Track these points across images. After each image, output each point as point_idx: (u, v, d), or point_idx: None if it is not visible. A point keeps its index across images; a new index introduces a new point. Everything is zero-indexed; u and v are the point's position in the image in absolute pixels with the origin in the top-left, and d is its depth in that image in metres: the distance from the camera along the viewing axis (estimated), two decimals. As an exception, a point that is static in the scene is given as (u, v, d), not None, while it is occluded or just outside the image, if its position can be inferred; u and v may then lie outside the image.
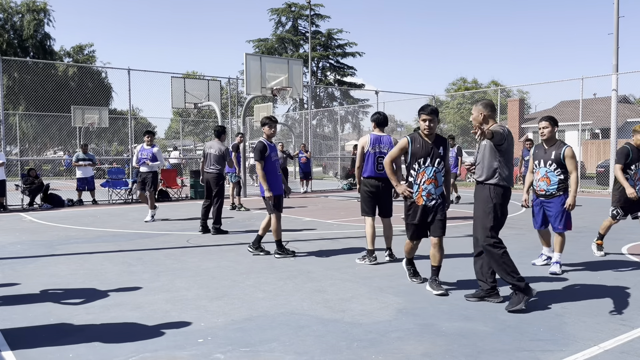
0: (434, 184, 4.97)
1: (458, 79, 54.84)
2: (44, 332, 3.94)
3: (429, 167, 4.92)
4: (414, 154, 4.91)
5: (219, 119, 15.80)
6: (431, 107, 4.90)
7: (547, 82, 22.86)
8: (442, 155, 4.98)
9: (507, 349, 3.55)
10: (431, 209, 5.02)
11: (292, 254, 6.78)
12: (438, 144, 4.98)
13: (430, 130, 4.89)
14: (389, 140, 6.40)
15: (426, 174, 4.93)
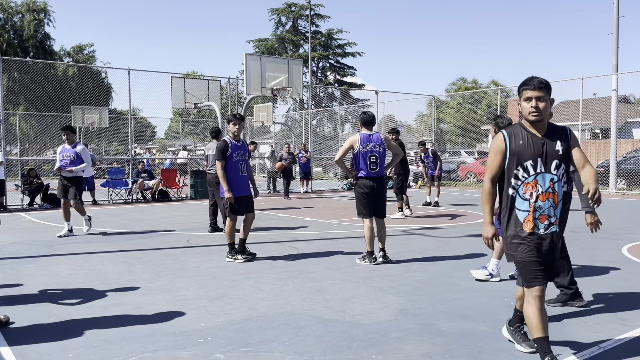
0: (552, 200, 3.17)
1: (458, 79, 54.80)
2: (43, 332, 3.94)
3: (543, 175, 3.17)
4: (516, 156, 3.21)
5: (219, 119, 15.79)
6: (539, 79, 3.27)
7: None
8: (562, 155, 3.23)
9: (507, 349, 3.55)
10: (548, 241, 3.17)
11: (247, 258, 6.53)
12: (554, 137, 3.26)
13: (539, 115, 3.18)
14: (379, 138, 6.41)
15: (539, 184, 3.18)
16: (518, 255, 3.19)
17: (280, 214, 11.69)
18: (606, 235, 8.33)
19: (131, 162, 16.71)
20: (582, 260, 6.42)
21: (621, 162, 18.11)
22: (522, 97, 3.28)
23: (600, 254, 6.83)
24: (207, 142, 18.06)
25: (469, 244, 7.60)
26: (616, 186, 17.23)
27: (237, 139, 6.68)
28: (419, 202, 13.97)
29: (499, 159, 3.27)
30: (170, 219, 10.82)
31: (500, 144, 3.27)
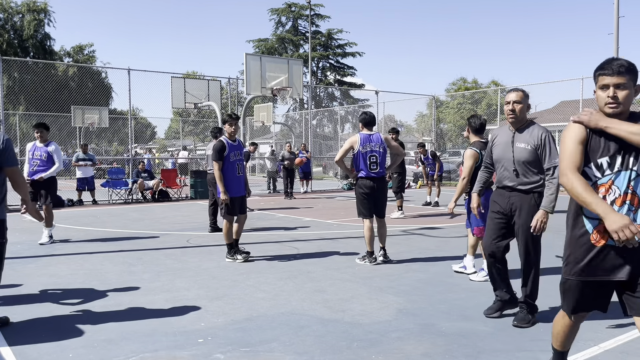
0: (631, 202, 2.53)
1: (458, 79, 54.76)
2: (43, 332, 3.94)
3: (621, 173, 2.53)
4: (591, 151, 2.59)
5: (219, 119, 15.79)
6: (620, 61, 2.53)
7: (547, 82, 22.88)
8: None
9: (507, 349, 3.55)
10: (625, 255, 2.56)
11: (244, 258, 6.54)
12: None
13: (617, 108, 2.52)
14: (379, 138, 6.41)
15: (615, 185, 2.56)
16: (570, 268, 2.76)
17: (280, 214, 11.69)
18: (606, 235, 8.33)
19: (131, 162, 16.72)
20: (582, 260, 6.41)
21: (621, 162, 18.08)
22: (597, 83, 2.58)
23: (600, 254, 6.83)
24: (207, 142, 18.05)
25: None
26: (616, 186, 17.21)
27: (233, 139, 6.67)
28: (419, 202, 13.96)
29: (581, 149, 2.58)
30: (170, 219, 10.82)
31: (581, 132, 2.60)
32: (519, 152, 3.95)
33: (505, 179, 4.07)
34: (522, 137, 3.97)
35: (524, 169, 3.97)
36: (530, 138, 3.93)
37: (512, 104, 3.94)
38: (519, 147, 3.96)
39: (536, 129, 3.95)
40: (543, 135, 3.88)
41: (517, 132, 4.00)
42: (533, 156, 3.91)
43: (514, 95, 3.96)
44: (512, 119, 3.96)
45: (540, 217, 3.77)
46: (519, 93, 3.96)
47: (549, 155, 3.86)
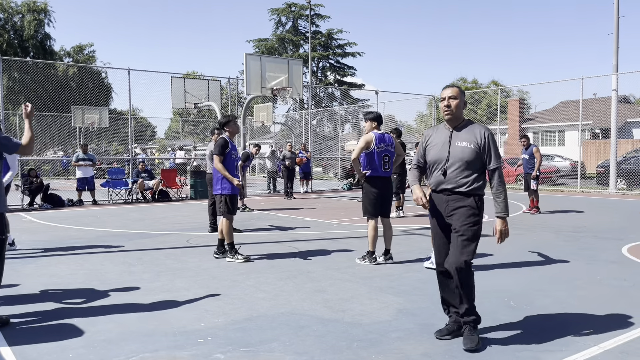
0: None
1: (458, 79, 54.83)
2: (43, 332, 3.94)
3: None
4: None
5: (219, 119, 15.80)
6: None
7: (547, 82, 22.88)
8: None
9: (507, 349, 3.55)
10: None
11: (245, 259, 6.53)
12: None
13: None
14: (390, 138, 6.43)
15: None
16: None
17: (280, 214, 11.69)
18: (606, 235, 8.33)
19: (131, 162, 16.71)
20: (582, 260, 6.43)
21: (621, 162, 18.11)
22: None
23: (600, 254, 6.84)
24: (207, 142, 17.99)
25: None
26: (616, 186, 17.24)
27: (233, 139, 6.79)
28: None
29: None
30: (170, 219, 10.82)
31: None
32: (459, 151, 3.62)
33: (443, 182, 3.69)
34: (462, 135, 3.66)
35: (464, 169, 3.62)
36: (471, 136, 3.64)
37: (447, 99, 3.67)
38: (459, 146, 3.64)
39: (477, 127, 3.68)
40: (486, 134, 3.63)
41: (455, 131, 3.70)
42: (474, 155, 3.61)
43: (449, 91, 3.69)
44: (448, 115, 3.67)
45: (501, 227, 3.58)
46: (454, 89, 3.70)
47: (494, 156, 3.63)
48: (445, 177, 3.65)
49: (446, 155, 3.66)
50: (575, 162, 23.57)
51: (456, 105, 3.67)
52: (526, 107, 42.96)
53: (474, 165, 3.62)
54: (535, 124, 35.02)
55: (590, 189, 17.76)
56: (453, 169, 3.63)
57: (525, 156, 11.59)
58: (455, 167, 3.63)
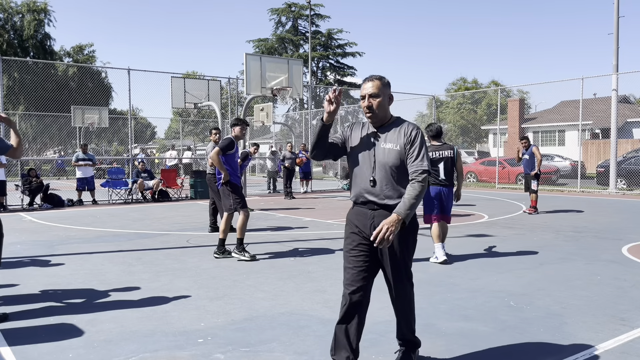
0: None
1: (458, 79, 54.84)
2: (43, 332, 3.94)
3: None
4: None
5: (218, 119, 15.78)
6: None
7: (547, 82, 22.87)
8: None
9: (508, 350, 3.55)
10: None
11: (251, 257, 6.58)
12: None
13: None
14: None
15: None
16: None
17: (280, 214, 11.69)
18: (606, 235, 8.33)
19: (131, 162, 16.71)
20: (582, 260, 6.43)
21: (621, 162, 18.11)
22: None
23: (600, 254, 6.84)
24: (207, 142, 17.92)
25: (469, 244, 7.60)
26: (616, 186, 17.24)
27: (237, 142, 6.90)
28: (419, 202, 13.95)
29: None
30: (170, 219, 10.82)
31: None
32: (384, 155, 2.96)
33: (366, 192, 3.02)
34: (388, 136, 3.00)
35: (391, 177, 2.96)
36: (397, 136, 2.98)
37: (367, 98, 2.97)
38: (384, 149, 2.97)
39: (405, 125, 3.03)
40: (413, 132, 2.96)
41: (380, 132, 3.03)
42: (400, 159, 2.96)
43: (370, 87, 2.98)
44: (370, 117, 2.99)
45: (388, 224, 2.76)
46: (375, 83, 2.99)
47: (418, 156, 2.92)
48: (372, 186, 2.99)
49: (372, 160, 2.99)
50: (575, 162, 23.58)
51: (379, 104, 2.98)
52: (526, 107, 42.96)
53: (402, 171, 2.96)
54: (535, 124, 35.04)
55: (591, 189, 17.76)
56: (379, 178, 2.98)
57: (526, 156, 11.60)
58: (381, 175, 2.97)
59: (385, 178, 2.97)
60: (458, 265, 6.22)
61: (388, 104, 3.03)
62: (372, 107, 2.98)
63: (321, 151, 3.05)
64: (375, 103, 2.97)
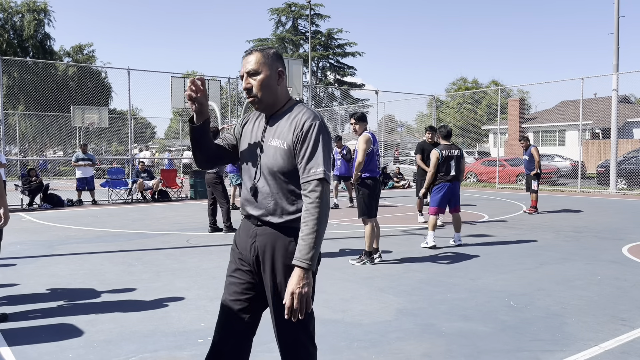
0: None
1: (458, 79, 54.82)
2: (43, 332, 3.94)
3: None
4: None
5: (218, 119, 15.79)
6: None
7: (548, 82, 22.87)
8: None
9: (507, 349, 3.55)
10: None
11: None
12: None
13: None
14: (375, 137, 6.52)
15: None
16: None
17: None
18: (607, 235, 8.33)
19: (131, 162, 16.70)
20: (583, 260, 6.43)
21: (621, 162, 18.11)
22: None
23: (601, 254, 6.84)
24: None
25: (469, 244, 7.60)
26: (617, 186, 17.24)
27: None
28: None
29: None
30: (170, 219, 10.82)
31: None
32: (269, 156, 2.18)
33: (247, 203, 2.28)
34: (277, 129, 2.20)
35: (278, 185, 2.17)
36: (287, 130, 2.17)
37: (245, 78, 2.20)
38: (270, 147, 2.19)
39: (299, 113, 2.17)
40: (307, 123, 2.12)
41: (270, 123, 2.24)
42: (290, 161, 2.15)
43: (251, 61, 2.18)
44: (253, 104, 2.23)
45: (294, 287, 2.00)
46: (256, 56, 2.19)
47: (310, 159, 2.09)
48: (252, 197, 2.24)
49: (257, 162, 2.24)
50: (576, 162, 23.58)
51: (261, 84, 2.17)
52: (526, 107, 42.96)
53: (295, 179, 2.16)
54: (535, 124, 35.03)
55: (591, 189, 17.76)
56: (261, 186, 2.21)
57: (526, 157, 11.63)
58: (265, 183, 2.20)
59: (269, 187, 2.18)
60: (458, 265, 6.22)
61: (278, 84, 2.21)
62: (252, 90, 2.19)
63: (203, 157, 2.33)
64: (257, 83, 2.18)
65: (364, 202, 6.30)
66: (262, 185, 2.21)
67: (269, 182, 2.20)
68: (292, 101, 2.27)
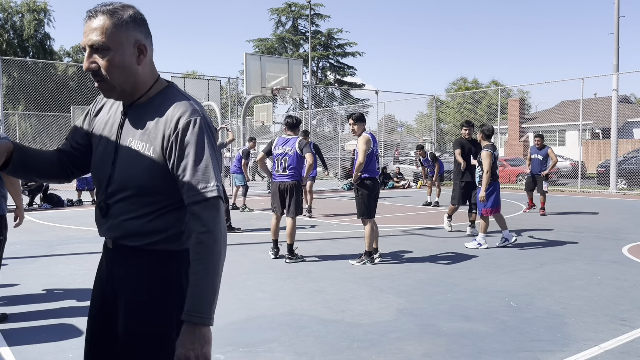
0: None
1: (458, 79, 54.82)
2: (43, 332, 3.94)
3: None
4: None
5: (218, 119, 15.80)
6: None
7: (548, 81, 22.88)
8: None
9: (508, 349, 3.55)
10: None
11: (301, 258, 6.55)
12: None
13: None
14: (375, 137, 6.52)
15: None
16: None
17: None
18: (607, 235, 8.33)
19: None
20: (583, 260, 6.42)
21: (622, 162, 18.11)
22: None
23: (601, 254, 6.83)
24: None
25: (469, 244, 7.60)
26: (617, 186, 17.23)
27: None
28: (419, 202, 13.96)
29: None
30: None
31: None
32: (127, 162, 1.62)
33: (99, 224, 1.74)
34: (139, 125, 1.64)
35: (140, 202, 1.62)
36: (154, 127, 1.61)
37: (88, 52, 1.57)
38: (130, 150, 1.63)
39: (172, 105, 1.61)
40: (183, 120, 1.57)
41: (129, 115, 1.66)
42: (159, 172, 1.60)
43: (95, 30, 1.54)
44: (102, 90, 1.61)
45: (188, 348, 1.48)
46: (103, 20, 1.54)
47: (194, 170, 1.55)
48: (103, 216, 1.68)
49: (109, 169, 1.65)
50: (576, 162, 23.57)
51: (111, 64, 1.55)
52: (526, 107, 42.96)
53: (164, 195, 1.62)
54: (535, 124, 35.03)
55: (591, 189, 17.76)
56: (115, 201, 1.64)
57: (539, 157, 11.37)
58: (121, 198, 1.63)
59: (129, 203, 1.61)
60: (458, 265, 6.22)
61: (139, 62, 1.59)
62: (100, 72, 1.55)
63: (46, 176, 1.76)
64: (104, 63, 1.54)
65: (363, 202, 6.30)
66: (116, 199, 1.62)
67: (125, 196, 1.61)
68: (160, 83, 1.67)
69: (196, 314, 1.48)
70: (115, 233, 1.65)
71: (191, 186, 1.54)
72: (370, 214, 6.30)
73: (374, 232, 6.30)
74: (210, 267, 1.50)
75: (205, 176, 1.54)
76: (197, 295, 1.49)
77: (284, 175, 6.42)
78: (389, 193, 17.27)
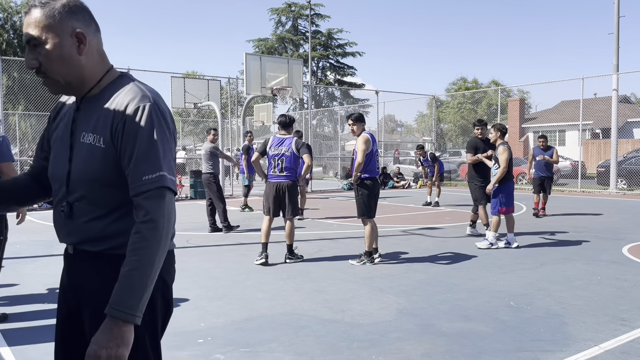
0: None
1: (458, 79, 54.78)
2: (43, 332, 3.94)
3: None
4: None
5: (218, 119, 15.79)
6: None
7: (548, 81, 22.87)
8: None
9: (508, 349, 3.55)
10: None
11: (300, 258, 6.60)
12: None
13: None
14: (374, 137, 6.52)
15: None
16: None
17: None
18: (607, 235, 8.33)
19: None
20: (582, 260, 6.42)
21: (622, 162, 18.10)
22: None
23: (601, 254, 6.83)
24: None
25: (469, 244, 7.60)
26: (617, 186, 17.23)
27: None
28: (419, 202, 13.96)
29: None
30: None
31: None
32: (81, 159, 1.55)
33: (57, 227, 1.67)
34: (90, 118, 1.57)
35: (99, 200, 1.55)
36: (102, 119, 1.54)
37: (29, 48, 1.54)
38: (82, 145, 1.56)
39: (123, 92, 1.56)
40: (131, 106, 1.51)
41: (82, 108, 1.61)
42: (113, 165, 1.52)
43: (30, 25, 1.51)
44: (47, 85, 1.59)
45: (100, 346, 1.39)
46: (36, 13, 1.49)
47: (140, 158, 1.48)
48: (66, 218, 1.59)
49: (66, 167, 1.59)
50: (576, 162, 23.56)
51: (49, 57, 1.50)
52: (526, 106, 42.95)
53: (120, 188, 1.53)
54: (535, 124, 35.02)
55: (591, 189, 17.76)
56: (75, 199, 1.57)
57: (546, 157, 11.28)
58: (79, 196, 1.56)
59: (88, 202, 1.54)
60: (458, 265, 6.22)
61: (80, 52, 1.53)
62: (42, 68, 1.51)
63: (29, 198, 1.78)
64: (43, 56, 1.49)
65: (363, 202, 6.30)
66: (75, 198, 1.55)
67: (83, 194, 1.54)
68: (112, 73, 1.61)
69: (120, 307, 1.39)
70: (76, 237, 1.58)
71: (136, 177, 1.47)
72: (370, 214, 6.30)
73: (374, 232, 6.31)
74: (144, 259, 1.41)
75: (151, 166, 1.47)
76: (125, 288, 1.40)
77: (280, 176, 6.41)
78: (389, 193, 17.27)
